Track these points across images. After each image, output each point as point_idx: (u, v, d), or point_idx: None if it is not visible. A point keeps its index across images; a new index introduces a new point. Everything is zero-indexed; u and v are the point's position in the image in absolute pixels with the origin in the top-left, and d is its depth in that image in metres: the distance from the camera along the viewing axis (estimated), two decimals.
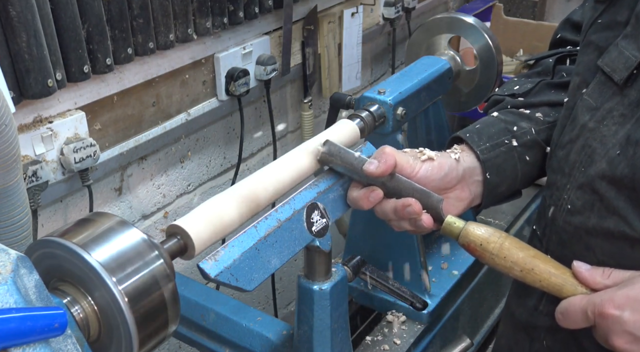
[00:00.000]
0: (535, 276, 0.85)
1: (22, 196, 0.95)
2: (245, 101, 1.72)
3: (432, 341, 1.32)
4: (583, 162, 0.89)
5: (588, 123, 0.89)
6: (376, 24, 2.25)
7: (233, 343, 1.16)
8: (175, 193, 1.67)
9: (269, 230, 0.88)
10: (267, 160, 1.93)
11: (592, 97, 0.90)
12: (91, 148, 1.28)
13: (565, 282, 0.84)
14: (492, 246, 0.87)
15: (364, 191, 0.94)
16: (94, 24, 1.23)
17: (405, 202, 0.91)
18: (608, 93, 0.88)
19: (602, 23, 0.94)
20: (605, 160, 0.85)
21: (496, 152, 1.03)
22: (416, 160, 0.97)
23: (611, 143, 0.85)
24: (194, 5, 1.46)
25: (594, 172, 0.87)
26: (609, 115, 0.86)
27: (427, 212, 0.93)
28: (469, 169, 1.01)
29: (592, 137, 0.88)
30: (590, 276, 0.82)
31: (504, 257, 0.87)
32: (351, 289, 1.36)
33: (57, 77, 1.18)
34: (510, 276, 0.88)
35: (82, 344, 0.67)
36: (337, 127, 1.09)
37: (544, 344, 1.02)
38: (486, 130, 1.05)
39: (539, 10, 3.05)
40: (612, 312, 0.77)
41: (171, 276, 0.73)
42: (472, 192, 1.02)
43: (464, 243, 0.90)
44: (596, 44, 0.93)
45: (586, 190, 0.88)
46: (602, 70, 0.89)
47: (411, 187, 0.93)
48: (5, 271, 0.61)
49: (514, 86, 1.15)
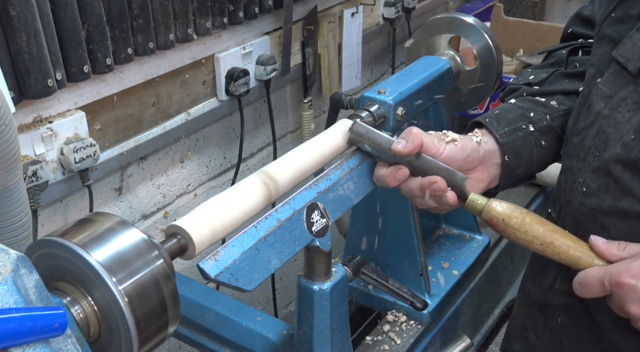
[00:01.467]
0: (554, 249, 0.91)
1: (22, 196, 0.95)
2: (245, 101, 1.72)
3: (432, 341, 1.32)
4: (598, 147, 0.93)
5: (603, 110, 0.94)
6: (376, 24, 2.25)
7: (233, 343, 1.16)
8: (175, 193, 1.67)
9: (269, 230, 0.88)
10: (267, 160, 1.93)
11: (607, 86, 0.95)
12: (91, 148, 1.28)
13: (582, 255, 0.89)
14: (513, 221, 0.93)
15: (391, 169, 1.00)
16: (94, 24, 1.23)
17: (432, 180, 0.97)
18: (622, 82, 0.92)
19: (615, 17, 0.98)
20: (620, 144, 0.90)
21: (514, 137, 1.07)
22: (441, 142, 1.02)
23: (625, 129, 0.90)
24: (194, 5, 1.46)
25: (609, 156, 0.91)
26: (623, 103, 0.91)
27: (452, 190, 0.97)
28: (489, 152, 1.06)
29: (606, 123, 0.93)
30: (607, 249, 0.88)
31: (525, 231, 0.92)
32: (351, 289, 1.36)
33: (57, 77, 1.18)
34: (530, 249, 0.93)
35: (82, 344, 0.67)
36: (337, 127, 1.09)
37: (558, 321, 1.06)
38: (504, 116, 1.10)
39: (539, 10, 3.05)
40: (628, 281, 0.82)
41: (171, 276, 0.73)
42: (491, 174, 1.07)
43: (487, 218, 0.95)
44: (610, 36, 0.98)
45: (601, 173, 0.93)
46: (617, 61, 0.93)
47: (436, 166, 0.98)
48: (5, 271, 0.61)
49: (529, 76, 1.20)
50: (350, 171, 1.02)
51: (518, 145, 1.08)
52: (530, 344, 1.13)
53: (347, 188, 1.01)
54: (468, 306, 1.46)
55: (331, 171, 1.01)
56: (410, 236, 1.29)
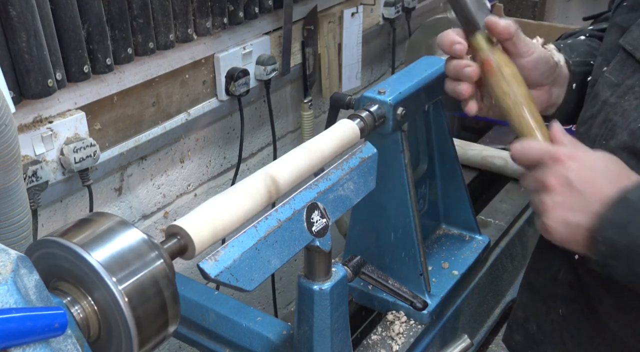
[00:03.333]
0: (518, 111, 0.93)
1: (22, 196, 0.95)
2: (245, 101, 1.72)
3: (432, 341, 1.32)
4: (604, 135, 0.93)
5: (609, 98, 0.94)
6: (376, 24, 2.24)
7: (233, 343, 1.16)
8: (175, 193, 1.67)
9: (269, 230, 0.88)
10: (267, 160, 1.93)
11: (614, 75, 0.95)
12: (91, 148, 1.28)
13: (537, 129, 0.92)
14: (507, 71, 0.94)
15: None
16: (94, 24, 1.23)
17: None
18: (629, 70, 0.92)
19: (627, 5, 0.98)
20: (627, 132, 0.90)
21: (582, 68, 1.07)
22: (534, 45, 1.00)
23: (632, 117, 0.89)
24: (194, 5, 1.46)
25: (615, 144, 0.91)
26: (630, 91, 0.91)
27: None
28: (561, 76, 1.05)
29: (613, 111, 0.92)
30: (559, 137, 0.89)
31: (509, 83, 0.94)
32: (351, 289, 1.36)
33: (57, 77, 1.18)
34: (499, 102, 0.95)
35: (82, 344, 0.67)
36: (337, 127, 1.09)
37: (559, 313, 1.06)
38: (576, 47, 1.10)
39: (539, 10, 3.05)
40: (563, 158, 0.84)
41: (171, 276, 0.73)
42: (552, 100, 1.05)
43: (485, 59, 0.96)
44: (619, 24, 0.98)
45: None
46: (624, 49, 0.93)
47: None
48: (5, 271, 0.61)
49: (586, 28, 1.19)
50: (350, 171, 1.02)
51: (583, 77, 1.06)
52: (531, 334, 1.14)
53: (347, 188, 1.01)
54: (468, 306, 1.46)
55: (331, 171, 1.01)
56: (410, 236, 1.29)
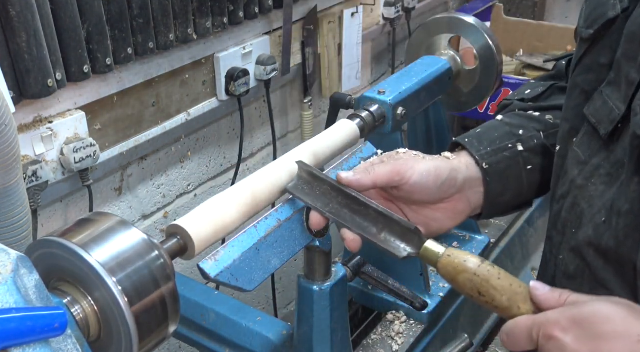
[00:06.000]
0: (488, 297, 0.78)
1: (22, 196, 0.95)
2: (245, 101, 1.72)
3: (432, 341, 1.32)
4: (573, 223, 0.83)
5: (577, 179, 0.84)
6: (376, 24, 2.25)
7: (233, 343, 1.16)
8: (175, 193, 1.67)
9: (269, 230, 0.88)
10: (267, 160, 1.93)
11: (582, 149, 0.84)
12: (91, 148, 1.28)
13: (512, 303, 0.76)
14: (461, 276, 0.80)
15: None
16: (94, 24, 1.23)
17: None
18: (596, 146, 0.82)
19: (586, 64, 0.87)
20: (592, 225, 0.79)
21: (498, 158, 0.95)
22: (410, 169, 0.88)
23: (597, 207, 0.79)
24: (194, 5, 1.46)
25: (582, 237, 0.80)
26: (597, 173, 0.80)
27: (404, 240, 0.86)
28: (470, 179, 0.94)
29: (580, 195, 0.82)
30: (547, 299, 0.74)
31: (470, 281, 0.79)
32: (351, 289, 1.36)
33: (57, 77, 1.18)
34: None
35: (82, 344, 0.67)
36: (337, 127, 1.09)
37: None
38: (488, 135, 0.98)
39: (539, 10, 3.05)
40: (556, 335, 0.69)
41: (171, 276, 0.73)
42: (473, 204, 0.95)
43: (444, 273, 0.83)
44: (582, 87, 0.87)
45: (577, 255, 0.82)
46: (589, 121, 0.83)
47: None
48: (5, 271, 0.61)
49: (525, 90, 1.10)
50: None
51: (503, 168, 0.95)
52: None
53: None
54: (468, 306, 1.46)
55: (331, 171, 1.01)
56: None
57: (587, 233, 0.79)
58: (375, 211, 0.86)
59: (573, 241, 0.82)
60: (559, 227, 0.86)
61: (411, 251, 0.84)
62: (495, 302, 0.77)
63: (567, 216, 0.84)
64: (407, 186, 0.88)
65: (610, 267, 0.77)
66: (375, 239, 0.86)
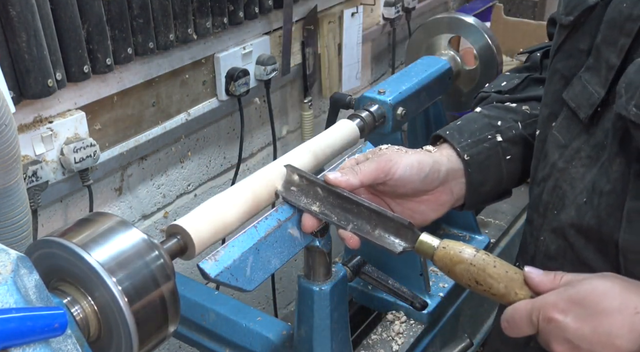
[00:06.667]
0: (482, 288, 0.80)
1: (22, 196, 0.95)
2: (245, 101, 1.72)
3: (432, 341, 1.31)
4: (555, 204, 0.84)
5: (557, 162, 0.85)
6: (376, 24, 2.25)
7: (233, 343, 1.16)
8: (175, 193, 1.67)
9: (269, 230, 0.88)
10: (267, 160, 1.93)
11: (561, 133, 0.86)
12: (91, 148, 1.28)
13: (509, 290, 0.78)
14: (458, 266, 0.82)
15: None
16: (94, 24, 1.23)
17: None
18: (575, 130, 0.83)
19: (565, 50, 0.88)
20: (574, 207, 0.80)
21: (479, 149, 0.97)
22: (393, 164, 0.89)
23: (579, 188, 0.80)
24: (194, 5, 1.46)
25: (564, 218, 0.82)
26: (577, 156, 0.82)
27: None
28: (452, 170, 0.95)
29: (562, 178, 0.83)
30: (541, 281, 0.76)
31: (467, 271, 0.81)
32: (351, 289, 1.36)
33: (57, 77, 1.18)
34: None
35: (82, 344, 0.67)
36: (337, 127, 1.09)
37: None
38: (468, 127, 1.00)
39: (539, 10, 3.05)
40: (556, 317, 0.71)
41: (171, 276, 0.73)
42: (455, 194, 0.96)
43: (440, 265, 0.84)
44: (561, 73, 0.89)
45: (559, 235, 0.83)
46: (568, 105, 0.84)
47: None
48: (5, 271, 0.61)
49: (501, 82, 1.11)
50: None
51: (483, 158, 0.97)
52: None
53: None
54: (468, 306, 1.45)
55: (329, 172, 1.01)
56: None
57: (569, 214, 0.81)
58: (368, 208, 0.87)
59: (555, 222, 0.83)
60: (540, 209, 0.87)
61: (406, 245, 0.86)
62: (493, 289, 0.79)
63: (549, 198, 0.85)
64: (392, 181, 0.89)
65: (591, 246, 0.78)
66: (370, 236, 0.87)
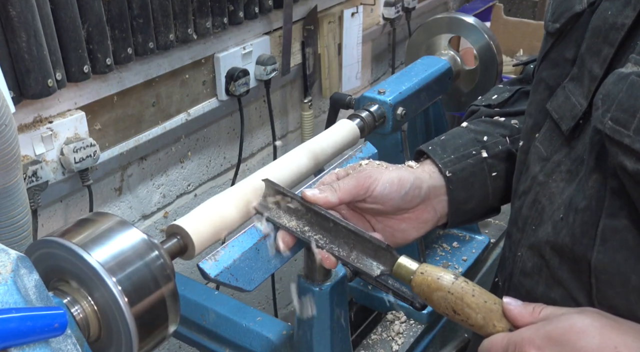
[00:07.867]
0: (460, 316, 0.77)
1: (22, 196, 0.95)
2: (245, 101, 1.72)
3: (432, 341, 1.31)
4: (534, 219, 0.81)
5: (538, 175, 0.82)
6: (376, 24, 2.25)
7: (233, 343, 1.16)
8: (175, 193, 1.67)
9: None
10: (267, 160, 1.94)
11: (544, 145, 0.83)
12: (91, 148, 1.28)
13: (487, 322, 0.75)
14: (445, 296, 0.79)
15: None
16: (94, 24, 1.23)
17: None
18: (557, 142, 0.81)
19: (551, 58, 0.85)
20: (551, 223, 0.77)
21: (462, 165, 0.94)
22: (373, 179, 0.87)
23: (557, 203, 0.78)
24: (194, 5, 1.46)
25: (541, 234, 0.79)
26: (557, 170, 0.79)
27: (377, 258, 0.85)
28: (434, 187, 0.92)
29: (542, 192, 0.81)
30: (519, 313, 0.74)
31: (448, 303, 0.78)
32: (351, 289, 1.36)
33: (57, 77, 1.18)
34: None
35: (82, 344, 0.67)
36: (337, 127, 1.09)
37: None
38: (452, 142, 0.97)
39: (539, 10, 3.05)
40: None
41: (171, 276, 0.73)
42: (439, 212, 0.94)
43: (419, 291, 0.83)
44: (546, 82, 0.86)
45: (535, 252, 0.80)
46: (551, 116, 0.81)
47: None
48: (5, 271, 0.61)
49: (492, 95, 1.09)
50: None
51: (467, 175, 0.94)
52: None
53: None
54: None
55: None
56: None
57: (546, 230, 0.78)
58: (345, 228, 0.84)
59: (532, 238, 0.81)
60: (519, 224, 0.85)
61: (384, 268, 0.84)
62: (470, 320, 0.76)
63: (528, 212, 0.83)
64: (371, 198, 0.87)
65: (565, 266, 0.75)
66: (347, 259, 0.84)
